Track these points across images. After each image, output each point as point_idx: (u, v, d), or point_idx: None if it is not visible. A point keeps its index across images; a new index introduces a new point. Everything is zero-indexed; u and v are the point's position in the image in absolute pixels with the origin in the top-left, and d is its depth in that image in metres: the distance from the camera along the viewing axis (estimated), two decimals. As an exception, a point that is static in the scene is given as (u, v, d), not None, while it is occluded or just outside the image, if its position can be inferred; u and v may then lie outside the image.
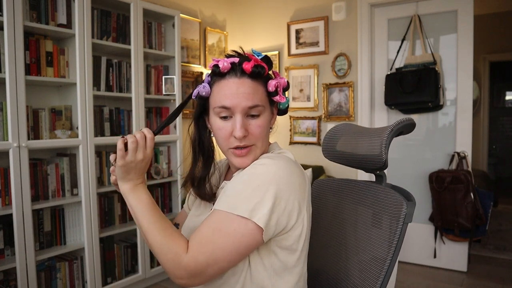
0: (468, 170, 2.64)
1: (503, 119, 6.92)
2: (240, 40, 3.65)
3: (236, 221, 0.75)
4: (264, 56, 0.87)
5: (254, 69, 0.83)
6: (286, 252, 0.84)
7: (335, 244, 1.06)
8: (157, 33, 2.73)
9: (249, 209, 0.75)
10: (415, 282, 2.64)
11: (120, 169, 0.82)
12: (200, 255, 0.75)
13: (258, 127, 0.85)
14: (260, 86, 0.85)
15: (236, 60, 0.84)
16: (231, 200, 0.78)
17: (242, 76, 0.84)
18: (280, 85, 0.88)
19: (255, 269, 0.83)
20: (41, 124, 2.10)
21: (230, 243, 0.76)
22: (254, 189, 0.77)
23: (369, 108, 3.03)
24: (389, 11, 2.97)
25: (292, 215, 0.80)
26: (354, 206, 1.03)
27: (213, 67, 0.85)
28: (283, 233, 0.81)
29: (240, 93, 0.82)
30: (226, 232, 0.76)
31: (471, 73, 2.70)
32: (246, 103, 0.82)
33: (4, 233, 1.93)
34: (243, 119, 0.83)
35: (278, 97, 0.87)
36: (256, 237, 0.77)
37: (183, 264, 0.75)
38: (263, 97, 0.86)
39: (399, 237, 0.85)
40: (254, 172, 0.80)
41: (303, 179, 0.84)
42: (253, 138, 0.85)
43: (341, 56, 3.11)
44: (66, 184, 2.18)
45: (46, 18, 2.08)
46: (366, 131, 1.02)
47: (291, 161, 0.85)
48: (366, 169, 1.02)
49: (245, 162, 0.85)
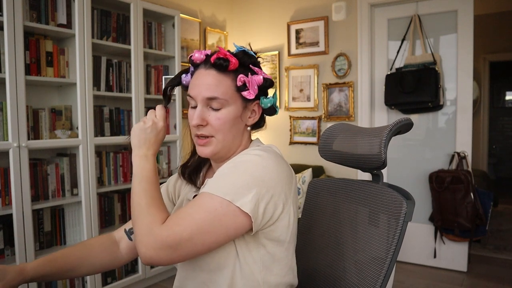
0: (468, 170, 2.64)
1: (503, 119, 6.92)
2: (240, 40, 3.65)
3: (218, 201, 0.75)
4: (240, 51, 0.88)
5: (216, 61, 0.84)
6: (274, 244, 0.85)
7: (333, 243, 1.06)
8: (157, 33, 2.73)
9: (232, 192, 0.76)
10: (415, 282, 2.64)
11: (134, 137, 0.86)
12: (176, 226, 0.73)
13: (216, 119, 0.85)
14: (227, 80, 0.85)
15: (209, 52, 0.88)
16: (216, 183, 0.79)
17: (210, 68, 0.86)
18: (251, 81, 0.86)
19: (244, 262, 0.83)
20: (41, 124, 2.11)
21: (209, 221, 0.74)
22: (240, 174, 0.78)
23: (369, 108, 3.02)
24: (389, 11, 2.97)
25: (278, 205, 0.81)
26: (351, 206, 1.03)
27: (189, 57, 0.89)
28: (270, 224, 0.82)
29: (202, 84, 0.85)
30: (206, 209, 0.75)
31: (471, 73, 2.70)
32: (205, 94, 0.84)
33: (4, 233, 1.93)
34: (202, 109, 0.85)
35: (246, 93, 0.87)
36: (240, 222, 0.76)
37: (156, 232, 0.72)
38: (229, 90, 0.85)
39: (399, 236, 0.85)
40: (241, 159, 0.82)
41: (290, 173, 0.86)
42: (211, 129, 0.86)
43: (341, 56, 3.11)
44: (66, 184, 2.18)
45: (46, 18, 2.08)
46: (364, 131, 1.02)
47: (278, 154, 0.86)
48: (363, 168, 1.02)
49: (204, 152, 0.88)
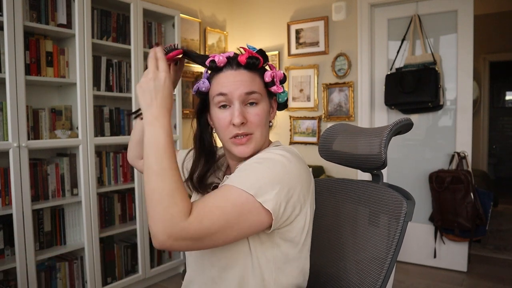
0: (468, 170, 2.64)
1: (503, 119, 6.92)
2: (240, 40, 3.65)
3: (245, 196, 0.74)
4: (259, 50, 0.89)
5: (249, 60, 0.85)
6: (288, 244, 0.85)
7: (334, 243, 1.06)
8: (157, 33, 2.73)
9: (256, 187, 0.75)
10: (415, 282, 2.64)
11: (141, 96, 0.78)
12: (205, 220, 0.71)
13: (256, 115, 0.85)
14: (257, 77, 0.88)
15: (231, 54, 0.88)
16: (241, 177, 0.77)
17: (238, 68, 0.86)
18: (276, 76, 0.90)
19: (256, 261, 0.83)
20: (41, 124, 2.10)
21: (236, 216, 0.73)
22: (264, 171, 0.78)
23: (369, 108, 3.02)
24: (389, 11, 2.97)
25: (296, 206, 0.80)
26: (352, 206, 1.03)
27: (210, 62, 0.86)
28: (287, 224, 0.81)
29: (237, 81, 0.84)
30: (234, 203, 0.74)
31: (471, 73, 2.70)
32: (244, 89, 0.84)
33: (4, 233, 1.93)
34: (241, 106, 0.84)
35: (275, 87, 0.89)
36: (261, 219, 0.76)
37: (183, 225, 0.68)
38: (261, 86, 0.88)
39: (399, 236, 0.85)
40: (266, 157, 0.81)
41: (309, 176, 0.86)
42: (252, 126, 0.85)
43: (341, 56, 3.11)
44: (66, 184, 2.18)
45: (46, 18, 2.08)
46: (364, 131, 1.02)
47: (300, 157, 0.86)
48: (363, 168, 1.02)
49: (245, 151, 0.85)
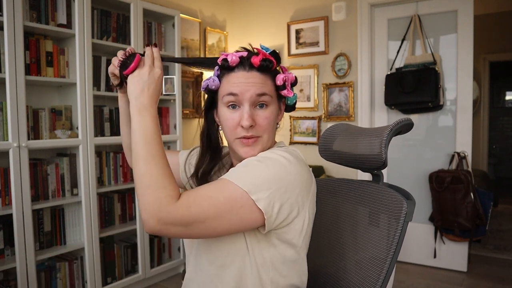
0: (468, 170, 2.64)
1: (503, 119, 6.92)
2: (240, 40, 3.65)
3: (240, 191, 0.74)
4: (272, 51, 0.89)
5: (262, 63, 0.84)
6: (285, 246, 0.84)
7: (334, 243, 1.06)
8: (157, 33, 2.73)
9: (251, 184, 0.75)
10: (415, 282, 2.64)
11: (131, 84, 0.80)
12: (193, 206, 0.71)
13: (265, 119, 0.85)
14: (268, 80, 0.87)
15: (245, 54, 0.86)
16: (238, 172, 0.78)
17: (251, 70, 0.85)
18: (288, 80, 0.89)
19: (254, 261, 0.83)
20: (41, 124, 2.10)
21: (227, 209, 0.73)
22: (263, 170, 0.77)
23: (369, 108, 3.02)
24: (389, 11, 2.97)
25: (294, 208, 0.80)
26: (352, 206, 1.03)
27: (222, 60, 0.86)
28: (284, 225, 0.81)
29: (249, 82, 0.84)
30: (227, 196, 0.74)
31: (471, 73, 2.70)
32: (255, 91, 0.83)
33: (4, 233, 1.93)
34: (250, 108, 0.84)
35: (286, 91, 0.89)
36: (253, 217, 0.75)
37: (171, 209, 0.70)
38: (272, 89, 0.87)
39: (400, 236, 0.85)
40: (267, 156, 0.81)
41: (310, 179, 0.85)
42: (260, 129, 0.85)
43: (341, 56, 3.11)
44: (66, 184, 2.18)
45: (46, 18, 2.08)
46: (364, 131, 1.02)
47: (301, 159, 0.86)
48: (363, 168, 1.02)
49: (251, 152, 0.85)
